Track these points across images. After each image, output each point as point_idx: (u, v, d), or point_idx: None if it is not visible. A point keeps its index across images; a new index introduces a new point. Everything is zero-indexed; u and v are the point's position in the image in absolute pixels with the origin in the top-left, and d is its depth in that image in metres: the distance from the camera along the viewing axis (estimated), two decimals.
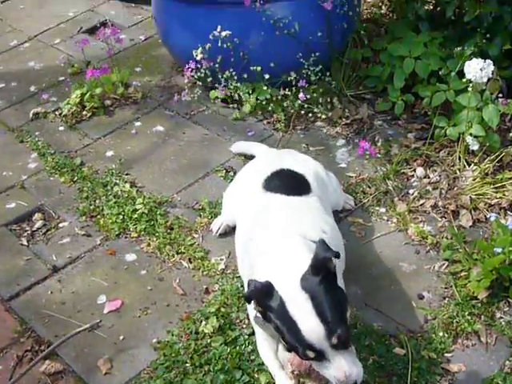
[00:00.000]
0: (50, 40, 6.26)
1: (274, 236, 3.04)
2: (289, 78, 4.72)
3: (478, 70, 3.71)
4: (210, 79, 4.90)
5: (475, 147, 4.09)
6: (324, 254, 2.66)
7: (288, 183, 3.51)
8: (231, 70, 4.76)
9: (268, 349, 3.06)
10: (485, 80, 3.78)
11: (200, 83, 5.04)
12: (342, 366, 2.58)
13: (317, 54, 4.70)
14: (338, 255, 2.69)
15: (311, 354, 2.58)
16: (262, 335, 3.08)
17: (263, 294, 2.66)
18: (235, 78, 4.81)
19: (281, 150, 4.20)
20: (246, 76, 4.76)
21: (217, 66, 4.72)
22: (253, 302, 2.70)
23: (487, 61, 3.73)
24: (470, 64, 3.76)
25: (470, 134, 4.13)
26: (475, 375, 3.10)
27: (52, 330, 3.40)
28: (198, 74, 4.78)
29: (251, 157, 4.28)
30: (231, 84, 4.84)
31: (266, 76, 4.72)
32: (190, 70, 4.81)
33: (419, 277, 3.60)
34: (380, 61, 4.94)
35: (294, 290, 2.62)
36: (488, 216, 3.75)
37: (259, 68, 4.70)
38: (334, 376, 2.60)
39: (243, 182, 3.82)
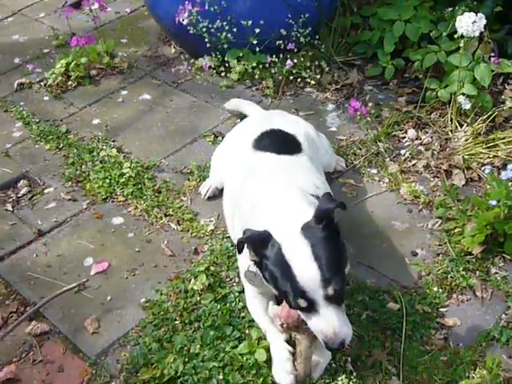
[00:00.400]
0: (34, 14, 6.17)
1: (271, 187, 2.96)
2: (277, 42, 4.60)
3: (469, 23, 3.65)
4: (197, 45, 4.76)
5: (467, 106, 4.02)
6: (328, 204, 2.60)
7: (278, 143, 3.44)
8: (218, 34, 4.62)
9: (258, 306, 2.99)
10: (477, 34, 3.71)
11: (187, 54, 4.93)
12: (332, 320, 2.49)
13: (306, 15, 4.59)
14: (343, 206, 2.61)
15: (303, 303, 2.50)
16: (252, 293, 3.01)
17: (260, 241, 2.58)
18: (223, 43, 4.68)
19: (271, 111, 4.13)
20: (233, 39, 4.62)
21: (204, 29, 4.58)
22: (247, 250, 2.61)
23: (479, 14, 3.66)
24: (462, 18, 3.69)
25: (462, 94, 4.07)
26: (471, 329, 3.04)
27: (37, 291, 3.31)
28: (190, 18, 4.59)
29: (241, 120, 4.17)
30: (218, 51, 4.71)
31: (254, 41, 4.60)
32: (183, 11, 4.61)
33: (412, 235, 3.53)
34: (370, 26, 4.86)
35: (294, 237, 2.55)
36: (482, 169, 3.68)
37: (250, 22, 4.58)
38: (322, 330, 2.51)
39: (232, 143, 3.74)
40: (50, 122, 4.58)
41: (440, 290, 3.19)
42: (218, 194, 3.80)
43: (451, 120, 4.18)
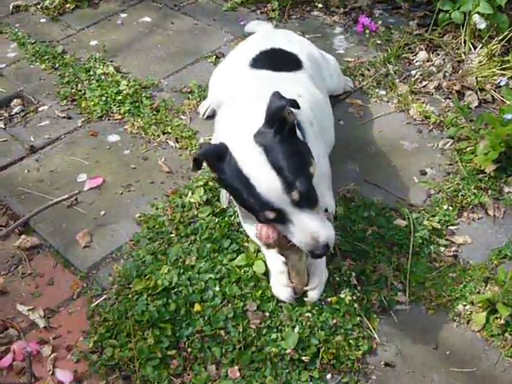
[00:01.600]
0: None
1: (238, 102, 2.75)
2: None
3: None
4: None
5: (482, 26, 3.83)
6: (277, 103, 2.31)
7: (277, 61, 3.21)
8: None
9: (250, 226, 2.80)
10: None
11: None
12: (307, 226, 2.23)
13: None
14: (294, 104, 2.34)
15: (271, 215, 2.26)
16: (242, 213, 2.83)
17: (215, 155, 2.35)
18: None
19: (275, 30, 3.91)
20: None
21: None
22: (205, 164, 2.39)
23: None
24: None
25: (478, 13, 3.84)
26: (482, 247, 2.90)
27: (28, 206, 3.17)
28: None
29: None
30: None
31: None
32: None
33: (421, 154, 3.36)
34: None
35: (246, 146, 2.30)
36: (498, 81, 3.49)
37: None
38: (300, 239, 2.28)
39: (230, 62, 3.53)
40: (46, 43, 4.40)
41: (450, 208, 3.02)
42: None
43: (464, 42, 3.98)
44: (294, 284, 2.59)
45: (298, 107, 2.32)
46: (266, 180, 2.22)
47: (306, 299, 2.60)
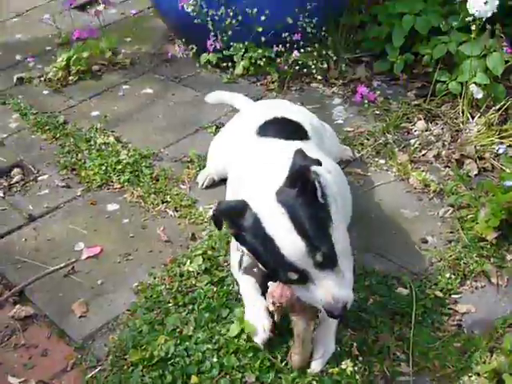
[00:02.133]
0: (39, 15, 6.03)
1: (262, 161, 2.76)
2: (283, 34, 4.44)
3: (482, 3, 3.47)
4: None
5: (479, 95, 3.86)
6: (301, 162, 2.32)
7: (285, 129, 3.22)
8: (223, 24, 4.48)
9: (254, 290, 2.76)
10: (489, 15, 3.54)
11: (190, 51, 4.82)
12: (328, 287, 2.25)
13: (313, 4, 4.42)
14: (318, 163, 2.35)
15: (293, 276, 2.26)
16: (246, 284, 2.79)
17: (236, 212, 2.34)
18: (227, 30, 4.54)
19: (272, 100, 3.96)
20: (237, 27, 4.47)
21: (208, 20, 4.44)
22: (225, 222, 2.39)
23: None
24: None
25: (474, 83, 3.89)
26: (486, 316, 2.83)
27: (24, 275, 3.13)
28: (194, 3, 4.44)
29: None
30: (223, 42, 4.56)
31: (259, 29, 4.44)
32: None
33: (422, 222, 3.34)
34: (378, 23, 4.70)
35: (269, 204, 2.30)
36: (496, 149, 3.49)
37: (255, 10, 4.41)
38: (320, 299, 2.28)
39: (232, 132, 3.56)
40: (48, 114, 4.45)
41: (453, 277, 2.98)
42: (216, 184, 3.59)
43: (462, 112, 4.02)
44: (297, 356, 2.50)
45: (320, 165, 2.33)
46: (290, 242, 2.20)
47: (308, 370, 2.51)
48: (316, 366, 2.55)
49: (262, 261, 2.39)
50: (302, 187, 2.31)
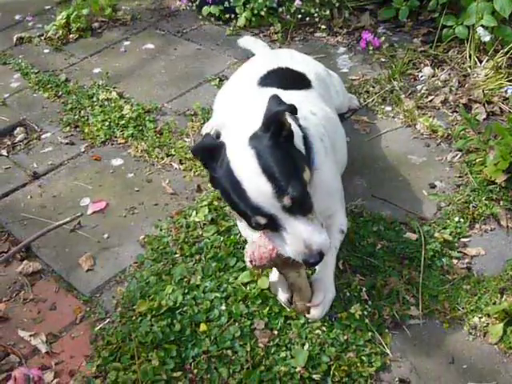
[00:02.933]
0: None
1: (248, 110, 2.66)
2: None
3: None
4: None
5: (487, 38, 3.78)
6: (276, 107, 2.25)
7: (286, 79, 3.16)
8: None
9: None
10: None
11: (192, 4, 4.74)
12: (300, 233, 2.15)
13: None
14: (292, 109, 2.28)
15: (262, 220, 2.18)
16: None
17: (209, 152, 2.29)
18: None
19: (279, 50, 3.88)
20: None
21: None
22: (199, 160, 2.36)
23: None
24: None
25: (482, 26, 3.79)
26: (496, 258, 2.80)
27: (30, 232, 3.11)
28: None
29: None
30: None
31: None
32: None
33: (430, 168, 3.30)
34: None
35: (239, 147, 2.24)
36: (505, 89, 3.41)
37: None
38: (292, 247, 2.18)
39: (236, 82, 3.49)
40: (50, 73, 4.40)
41: (461, 220, 2.94)
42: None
43: (469, 56, 3.93)
44: (297, 304, 2.49)
45: (295, 113, 2.27)
46: (256, 185, 2.14)
47: (308, 316, 2.51)
48: (315, 313, 2.53)
49: (231, 204, 2.31)
50: (275, 131, 2.24)
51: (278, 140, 2.21)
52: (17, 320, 2.71)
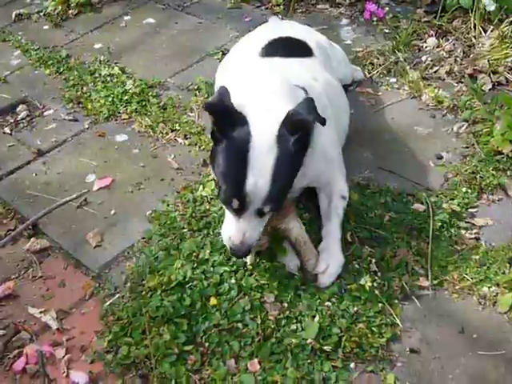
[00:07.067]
0: None
1: (255, 79, 2.67)
2: None
3: None
4: None
5: (492, 8, 3.75)
6: (307, 116, 2.28)
7: (287, 48, 3.16)
8: None
9: None
10: None
11: None
12: (228, 228, 2.42)
13: None
14: (323, 121, 2.32)
15: (236, 205, 2.32)
16: None
17: (226, 113, 2.30)
18: None
19: (280, 22, 3.84)
20: None
21: None
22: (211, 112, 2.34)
23: None
24: None
25: None
26: (504, 228, 2.80)
27: (37, 209, 3.10)
28: None
29: None
30: None
31: None
32: None
33: (436, 139, 3.28)
34: None
35: (267, 142, 2.28)
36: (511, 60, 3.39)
37: None
38: (223, 233, 2.47)
39: (237, 54, 3.46)
40: (50, 49, 4.37)
41: (469, 191, 2.94)
42: None
43: (474, 26, 3.89)
44: (306, 258, 2.52)
45: (324, 124, 2.29)
46: (255, 179, 2.24)
47: (316, 283, 2.53)
48: (324, 280, 2.55)
49: (219, 172, 2.37)
50: (299, 139, 2.29)
51: (298, 149, 2.30)
52: (26, 297, 2.71)
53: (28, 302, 2.68)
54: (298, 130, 2.27)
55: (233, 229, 2.36)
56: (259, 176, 2.24)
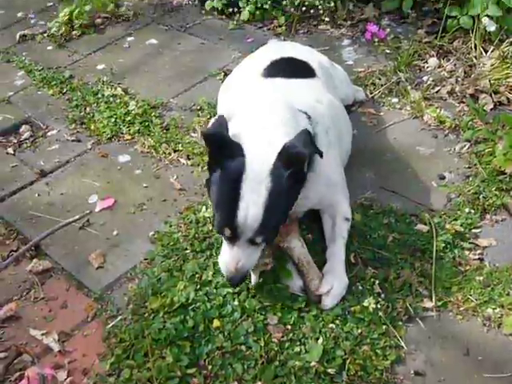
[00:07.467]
0: None
1: (257, 103, 2.69)
2: None
3: None
4: None
5: (492, 28, 3.76)
6: (302, 149, 2.29)
7: (290, 69, 3.18)
8: None
9: None
10: None
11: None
12: (224, 256, 2.44)
13: None
14: (320, 153, 2.36)
15: (228, 233, 2.35)
16: None
17: (223, 143, 2.32)
18: None
19: (281, 42, 3.87)
20: None
21: None
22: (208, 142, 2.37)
23: None
24: None
25: (487, 16, 3.77)
26: (508, 249, 2.80)
27: (39, 230, 3.10)
28: None
29: None
30: None
31: None
32: None
33: (438, 159, 3.29)
34: None
35: (259, 172, 2.30)
36: None
37: None
38: (220, 261, 2.50)
39: (239, 74, 3.48)
40: (53, 69, 4.38)
41: (472, 211, 2.93)
42: None
43: (475, 46, 3.91)
44: (310, 278, 2.52)
45: (322, 156, 2.32)
46: (247, 211, 2.26)
47: (320, 305, 2.52)
48: (327, 302, 2.54)
49: (213, 199, 2.42)
50: (292, 173, 2.31)
51: (293, 182, 2.31)
52: (28, 319, 2.70)
53: (30, 324, 2.67)
54: (293, 163, 2.29)
55: (227, 256, 2.38)
56: (250, 208, 2.26)
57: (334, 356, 2.36)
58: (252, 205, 2.26)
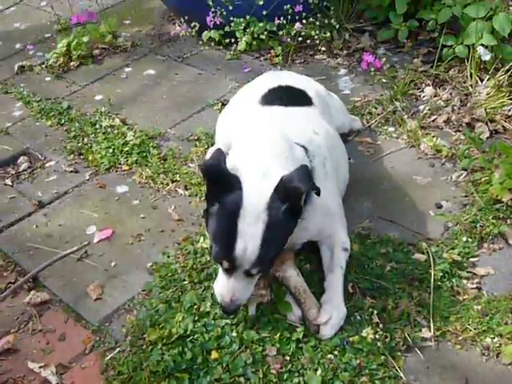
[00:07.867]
0: (36, 3, 5.96)
1: (254, 134, 2.73)
2: (285, 7, 4.37)
3: None
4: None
5: (487, 57, 3.80)
6: (299, 182, 2.33)
7: (287, 97, 3.20)
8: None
9: None
10: None
11: (192, 30, 4.77)
12: (220, 286, 2.47)
13: None
14: (318, 191, 2.39)
15: (226, 265, 2.39)
16: None
17: (220, 177, 2.36)
18: (229, 9, 4.48)
19: (278, 71, 3.90)
20: (239, 4, 4.41)
21: None
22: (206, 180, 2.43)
23: None
24: None
25: (482, 45, 3.82)
26: (506, 278, 2.80)
27: (37, 261, 3.10)
28: None
29: None
30: (224, 18, 4.50)
31: (260, 2, 4.37)
32: None
33: (435, 188, 3.30)
34: None
35: (258, 208, 2.33)
36: (509, 109, 3.43)
37: None
38: (216, 290, 2.53)
39: (237, 104, 3.51)
40: (51, 100, 4.40)
41: (469, 240, 2.93)
42: None
43: (470, 75, 3.94)
44: (308, 307, 2.51)
45: (319, 194, 2.35)
46: (245, 244, 2.29)
47: (318, 335, 2.51)
48: (326, 332, 2.54)
49: (210, 232, 2.45)
50: (289, 208, 2.34)
51: (290, 216, 2.35)
52: (26, 351, 2.69)
53: (28, 357, 2.66)
54: (289, 197, 2.32)
55: (223, 287, 2.41)
56: (248, 242, 2.29)
57: None
58: (250, 238, 2.28)
